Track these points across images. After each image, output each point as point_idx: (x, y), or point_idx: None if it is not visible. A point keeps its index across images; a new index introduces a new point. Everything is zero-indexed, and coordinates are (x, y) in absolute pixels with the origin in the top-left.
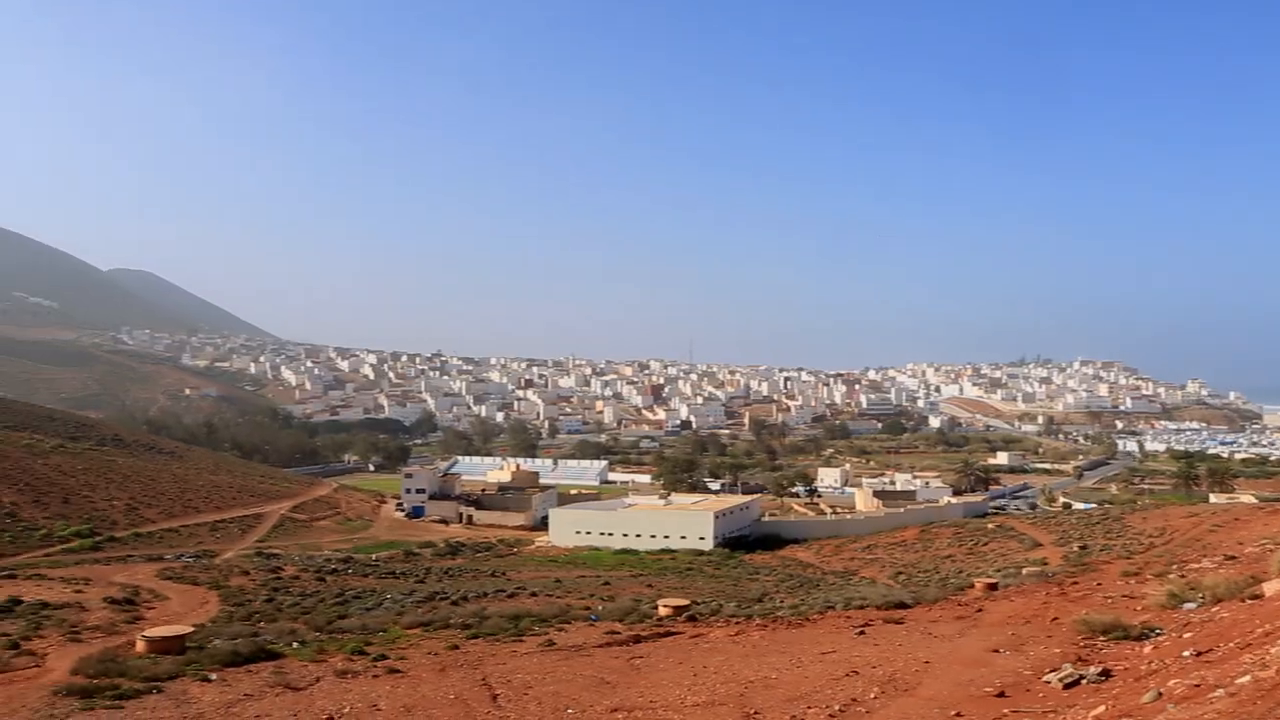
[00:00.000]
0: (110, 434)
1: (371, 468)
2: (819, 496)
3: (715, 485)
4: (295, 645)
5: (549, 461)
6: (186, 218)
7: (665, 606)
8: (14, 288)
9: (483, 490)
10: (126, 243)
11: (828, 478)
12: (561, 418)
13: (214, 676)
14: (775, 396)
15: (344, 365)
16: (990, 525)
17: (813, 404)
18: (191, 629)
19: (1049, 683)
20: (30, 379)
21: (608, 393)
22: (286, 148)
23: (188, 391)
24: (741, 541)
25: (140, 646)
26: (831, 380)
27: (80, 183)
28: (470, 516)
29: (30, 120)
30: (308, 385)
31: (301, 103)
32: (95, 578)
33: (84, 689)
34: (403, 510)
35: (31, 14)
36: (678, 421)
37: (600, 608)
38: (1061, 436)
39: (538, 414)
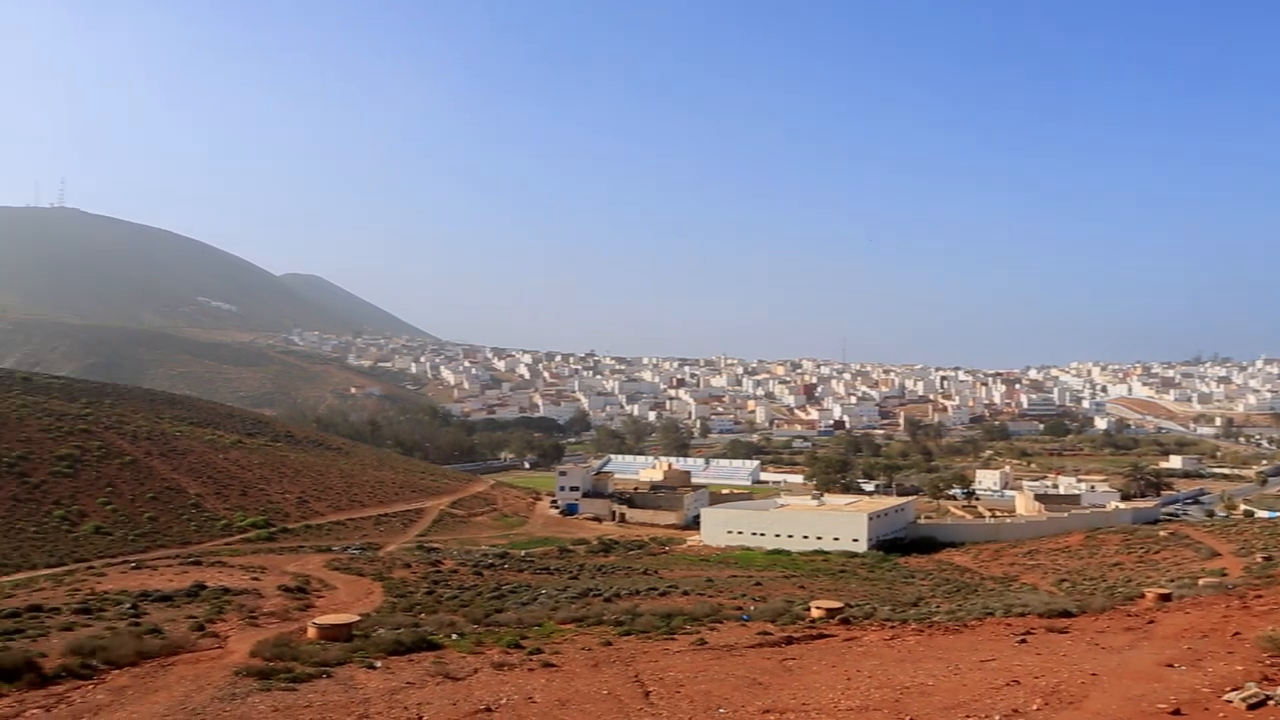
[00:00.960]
0: (283, 431)
1: (527, 465)
2: (977, 499)
3: (869, 486)
4: (454, 637)
5: (701, 461)
6: (353, 224)
7: (818, 608)
8: (198, 293)
9: (635, 489)
10: (298, 249)
11: (986, 480)
12: (713, 417)
13: (379, 664)
14: (931, 396)
15: (500, 365)
16: (1162, 533)
17: (970, 404)
18: (358, 618)
19: (1230, 702)
20: (212, 378)
21: (759, 392)
22: (450, 154)
23: (353, 390)
24: (896, 544)
25: (311, 633)
26: (990, 380)
27: (256, 192)
28: (623, 514)
29: (215, 136)
30: (466, 384)
31: (465, 110)
32: (270, 566)
33: (261, 671)
34: (557, 507)
35: (215, 32)
36: (830, 421)
37: (752, 608)
38: (1242, 440)
39: (689, 413)
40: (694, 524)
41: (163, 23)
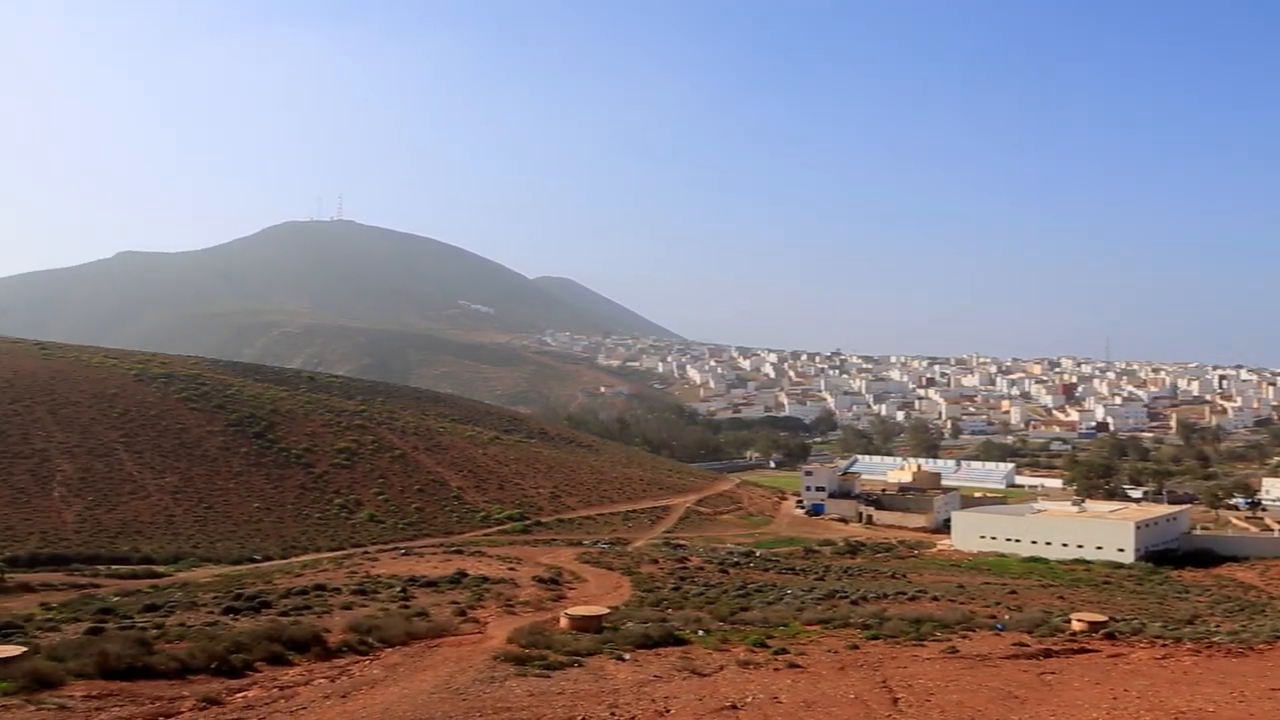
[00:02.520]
0: (537, 428)
1: (772, 464)
2: (1264, 510)
3: (1136, 493)
4: (700, 633)
5: (951, 462)
6: (606, 227)
7: (1079, 621)
8: (459, 297)
9: (882, 490)
10: (551, 253)
11: (1275, 489)
12: (964, 417)
13: (627, 656)
14: (1208, 397)
15: (745, 364)
16: None
17: (1255, 405)
18: (607, 611)
19: None
20: (472, 377)
21: (1014, 392)
22: (700, 154)
23: (602, 389)
24: (1167, 556)
25: (564, 623)
26: (1278, 379)
27: (513, 199)
28: (870, 516)
29: (476, 147)
30: (711, 384)
31: (719, 111)
32: (525, 557)
33: (518, 656)
34: (802, 507)
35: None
36: (1092, 423)
37: (1007, 617)
38: None
39: (939, 413)
40: (944, 528)
41: (434, 43)
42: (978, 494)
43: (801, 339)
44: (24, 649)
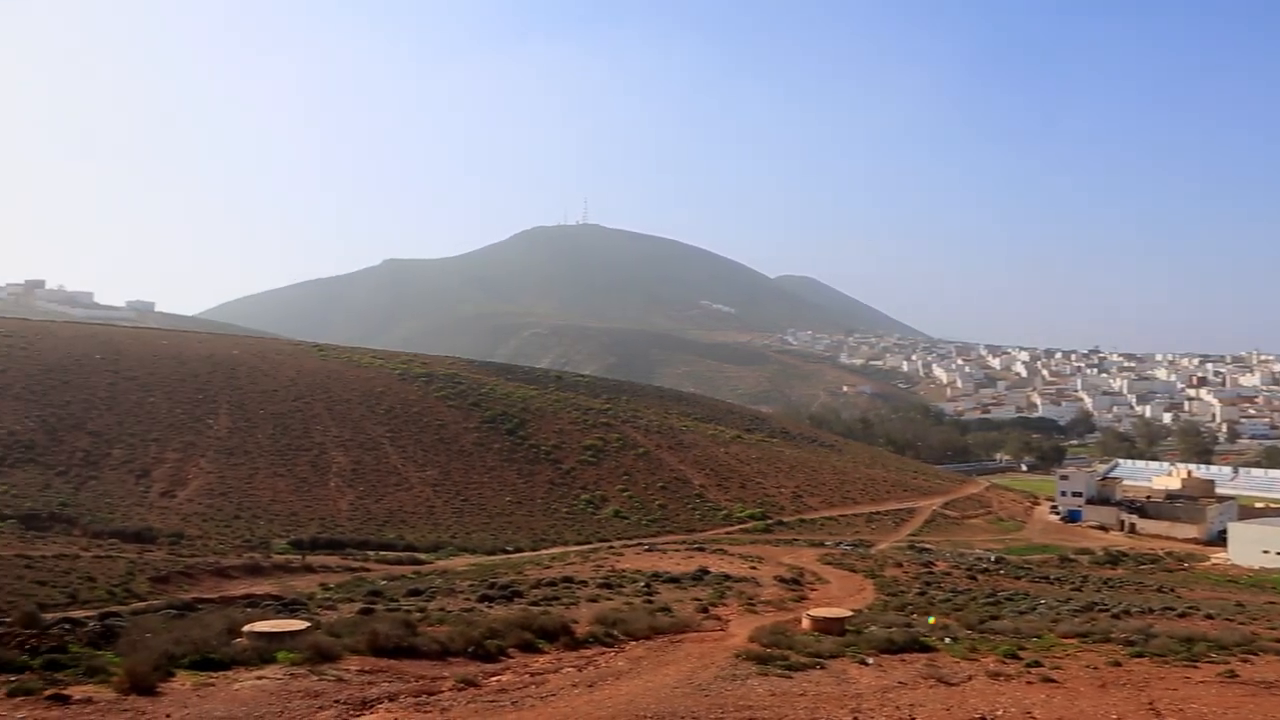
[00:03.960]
0: (779, 427)
1: (1024, 468)
2: None
3: None
4: (947, 640)
5: (1227, 469)
6: (844, 224)
7: None
8: (701, 297)
9: (1147, 497)
10: (793, 252)
11: None
12: (1243, 420)
13: (870, 661)
14: None
15: (995, 363)
16: None
17: None
18: (850, 613)
19: None
20: (714, 376)
21: None
22: (942, 150)
23: (845, 389)
24: None
25: (806, 624)
26: None
27: (754, 200)
28: (1132, 525)
29: (715, 148)
30: (959, 383)
31: (961, 106)
32: (766, 556)
33: (760, 656)
34: (1057, 513)
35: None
36: None
37: None
38: None
39: (1213, 415)
40: (1219, 540)
41: (670, 47)
42: (1259, 504)
43: (1055, 336)
44: (307, 624)
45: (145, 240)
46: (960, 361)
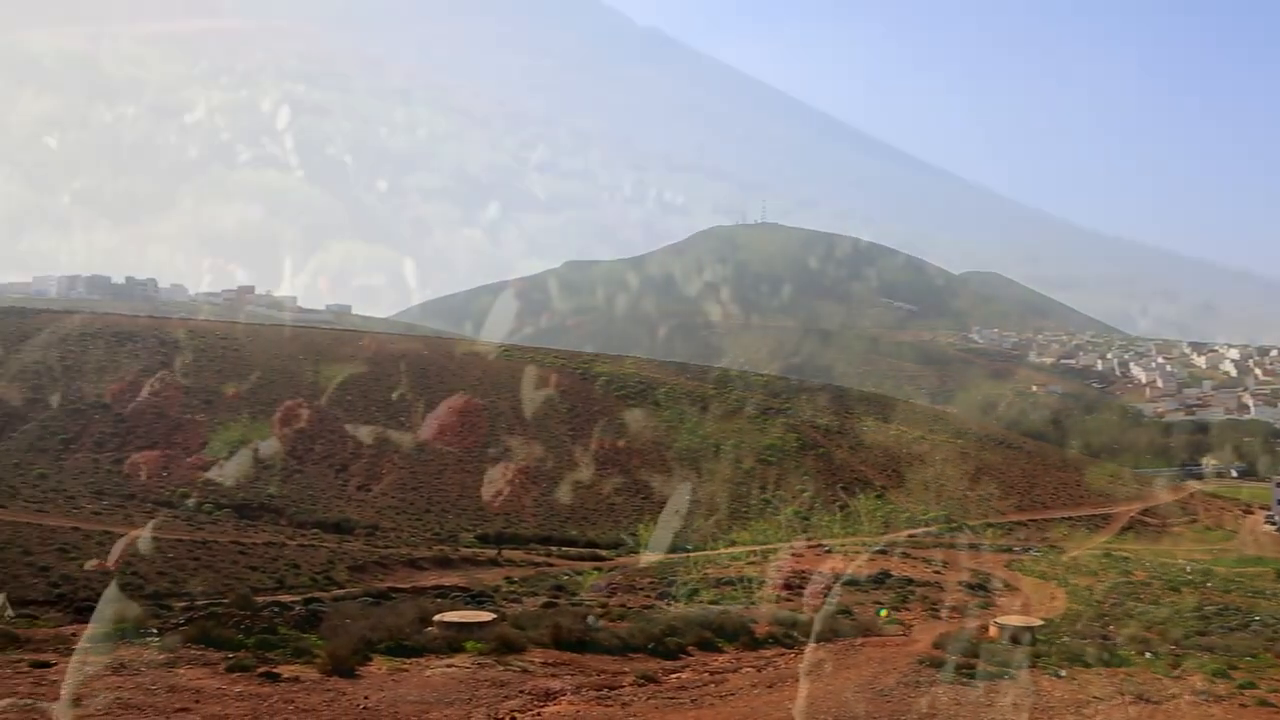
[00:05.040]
0: (964, 428)
1: (1234, 473)
2: None
3: None
4: (1147, 655)
5: None
6: (1032, 217)
7: None
8: (881, 294)
9: None
10: (979, 248)
11: None
12: None
13: (1063, 673)
14: None
15: (1200, 362)
16: None
17: None
18: (1040, 622)
19: None
20: (895, 375)
21: None
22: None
23: (1034, 388)
24: None
25: (992, 632)
26: None
27: (932, 196)
28: None
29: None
30: (1159, 383)
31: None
32: (951, 561)
33: (943, 662)
34: (1273, 523)
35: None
36: None
37: None
38: None
39: None
40: None
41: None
42: None
43: (1270, 333)
44: (494, 616)
45: (349, 253)
46: (1160, 360)
